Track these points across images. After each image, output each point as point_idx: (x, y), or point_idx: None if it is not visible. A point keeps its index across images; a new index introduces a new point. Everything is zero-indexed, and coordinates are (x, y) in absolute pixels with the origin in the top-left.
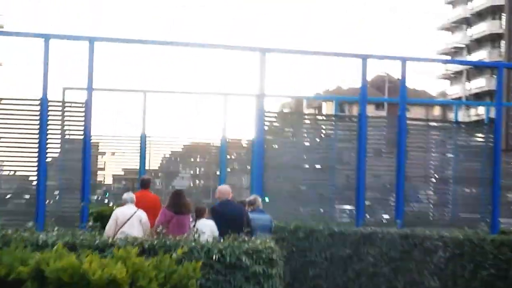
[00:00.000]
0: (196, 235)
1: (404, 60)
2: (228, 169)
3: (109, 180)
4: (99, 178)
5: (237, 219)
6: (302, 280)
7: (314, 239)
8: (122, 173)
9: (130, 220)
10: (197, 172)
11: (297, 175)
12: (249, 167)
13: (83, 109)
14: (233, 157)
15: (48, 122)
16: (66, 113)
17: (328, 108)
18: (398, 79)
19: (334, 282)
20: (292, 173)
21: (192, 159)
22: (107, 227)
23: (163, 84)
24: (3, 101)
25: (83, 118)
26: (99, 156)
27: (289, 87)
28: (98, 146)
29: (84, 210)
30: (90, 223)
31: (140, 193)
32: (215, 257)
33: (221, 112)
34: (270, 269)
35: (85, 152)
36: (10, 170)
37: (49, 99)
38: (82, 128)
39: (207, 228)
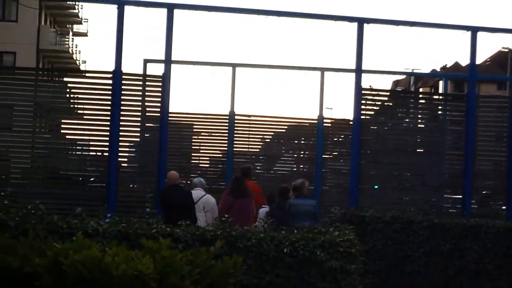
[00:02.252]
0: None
1: None
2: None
3: (203, 164)
4: (193, 161)
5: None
6: (398, 277)
7: (411, 231)
8: (220, 155)
9: (197, 205)
10: (301, 156)
11: (400, 160)
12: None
13: (160, 84)
14: (339, 139)
15: (123, 98)
16: (146, 88)
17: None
18: None
19: (432, 279)
20: (394, 158)
21: (296, 141)
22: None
23: (254, 57)
24: (75, 75)
25: (160, 94)
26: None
27: (399, 63)
28: (192, 126)
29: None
30: (148, 209)
31: None
32: (286, 250)
33: (318, 89)
34: (348, 265)
35: (161, 131)
36: (97, 151)
37: (123, 72)
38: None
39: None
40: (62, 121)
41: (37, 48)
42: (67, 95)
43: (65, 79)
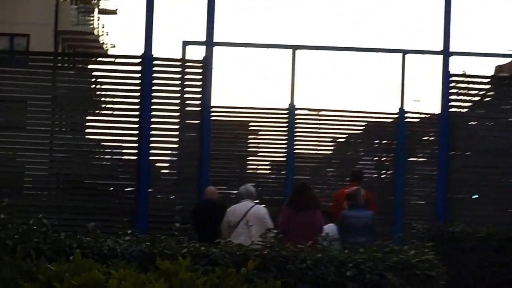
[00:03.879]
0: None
1: None
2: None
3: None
4: (250, 167)
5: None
6: None
7: (510, 251)
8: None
9: (244, 219)
10: (383, 159)
11: (501, 163)
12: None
13: (200, 70)
14: (428, 138)
15: (154, 88)
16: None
17: None
18: None
19: None
20: (493, 160)
21: (376, 141)
22: (222, 231)
23: (318, 38)
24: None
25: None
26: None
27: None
28: (248, 123)
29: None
30: (178, 224)
31: (347, 188)
32: (350, 274)
33: (398, 76)
34: None
35: (203, 129)
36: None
37: (154, 56)
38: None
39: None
40: (87, 118)
41: (55, 30)
42: (91, 86)
43: (88, 66)
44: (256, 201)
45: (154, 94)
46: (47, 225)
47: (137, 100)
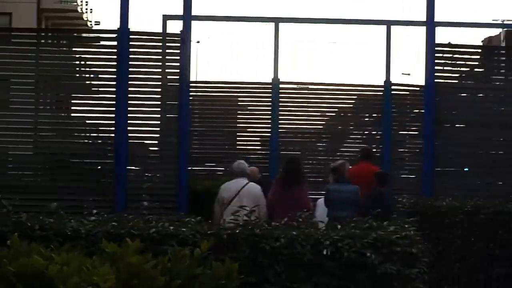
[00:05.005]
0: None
1: None
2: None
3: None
4: (237, 143)
5: None
6: (484, 283)
7: (500, 225)
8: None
9: (237, 197)
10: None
11: (489, 135)
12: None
13: (178, 44)
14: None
15: (132, 63)
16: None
17: None
18: None
19: None
20: (481, 132)
21: (367, 115)
22: (214, 209)
23: (301, 10)
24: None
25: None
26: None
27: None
28: (237, 98)
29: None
30: (145, 203)
31: (358, 166)
32: (327, 252)
33: (383, 48)
34: (407, 269)
35: (181, 105)
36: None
37: (131, 30)
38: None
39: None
40: (70, 95)
41: (38, 7)
42: (72, 63)
43: (67, 42)
44: None
45: (131, 69)
46: (6, 206)
47: (114, 76)
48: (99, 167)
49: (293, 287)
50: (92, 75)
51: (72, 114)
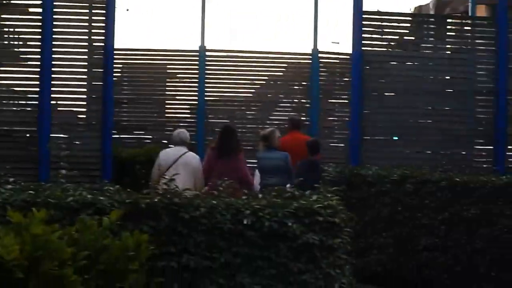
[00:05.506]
0: None
1: None
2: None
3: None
4: (170, 112)
5: None
6: (411, 252)
7: (427, 193)
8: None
9: (174, 165)
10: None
11: (416, 104)
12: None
13: (103, 11)
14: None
15: (56, 30)
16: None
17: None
18: None
19: (454, 255)
20: (408, 100)
21: (296, 83)
22: (152, 175)
23: None
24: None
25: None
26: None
27: None
28: (166, 66)
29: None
30: (64, 171)
31: (289, 136)
32: (247, 221)
33: (311, 16)
34: (330, 240)
35: (105, 73)
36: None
37: None
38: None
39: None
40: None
41: None
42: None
43: None
44: None
45: (56, 36)
46: None
47: (39, 43)
48: (27, 135)
49: (213, 257)
50: (19, 42)
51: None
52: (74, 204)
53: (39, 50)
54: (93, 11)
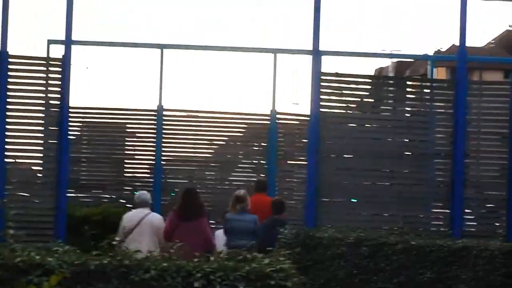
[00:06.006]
0: None
1: None
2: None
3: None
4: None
5: None
6: None
7: (382, 256)
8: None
9: (138, 227)
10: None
11: (374, 166)
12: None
13: (59, 69)
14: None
15: (11, 87)
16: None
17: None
18: None
19: None
20: (366, 162)
21: (256, 144)
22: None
23: (186, 37)
24: None
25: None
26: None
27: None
28: (125, 125)
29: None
30: (11, 231)
31: (254, 197)
32: (198, 285)
33: (269, 76)
34: None
35: (62, 129)
36: None
37: (10, 54)
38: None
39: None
40: None
41: None
42: None
43: None
44: None
45: (11, 93)
46: None
47: None
48: None
49: None
50: None
51: None
52: (22, 265)
53: None
54: (49, 68)
